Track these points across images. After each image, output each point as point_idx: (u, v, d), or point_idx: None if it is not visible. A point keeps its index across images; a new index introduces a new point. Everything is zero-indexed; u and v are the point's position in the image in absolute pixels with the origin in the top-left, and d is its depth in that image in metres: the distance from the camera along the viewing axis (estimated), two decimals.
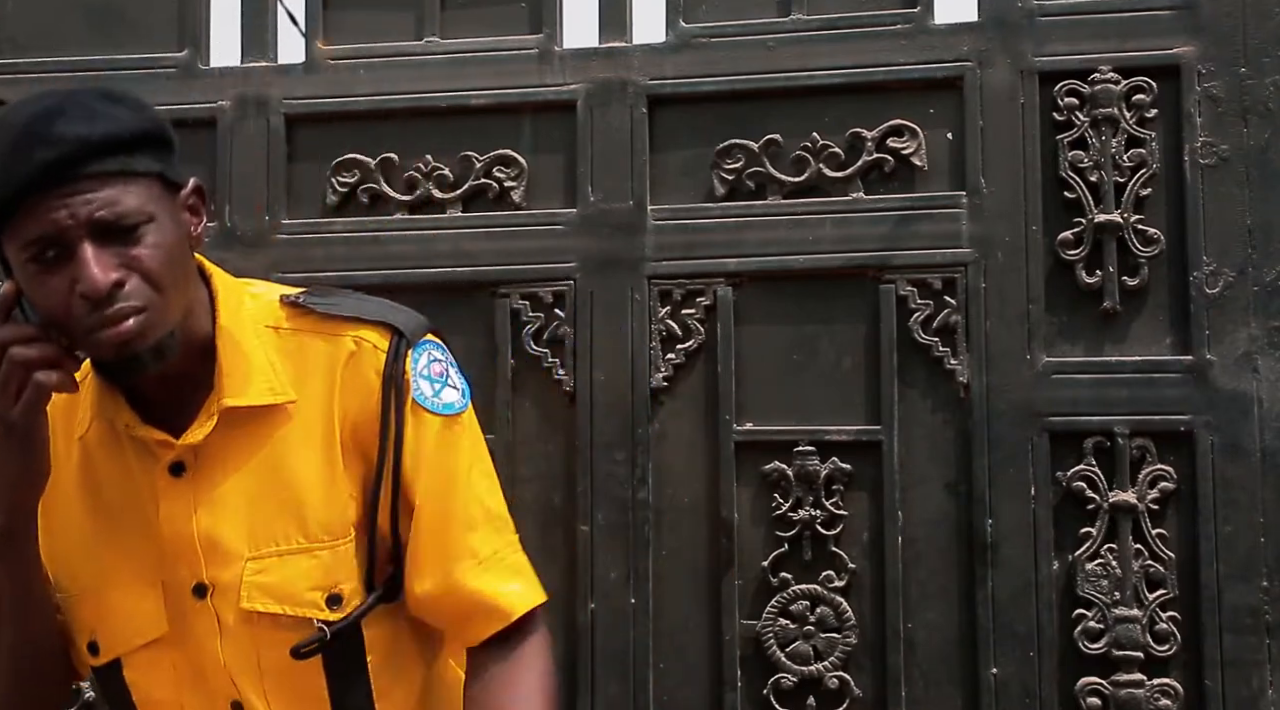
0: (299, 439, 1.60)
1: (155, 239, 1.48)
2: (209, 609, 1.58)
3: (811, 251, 2.54)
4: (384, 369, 1.59)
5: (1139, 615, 2.39)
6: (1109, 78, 2.46)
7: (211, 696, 1.60)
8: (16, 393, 1.48)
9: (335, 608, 1.58)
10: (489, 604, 1.63)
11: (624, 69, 2.63)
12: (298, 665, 1.58)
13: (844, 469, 2.51)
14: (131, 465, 1.61)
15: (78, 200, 1.45)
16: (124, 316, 1.45)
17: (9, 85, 2.80)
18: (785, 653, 2.49)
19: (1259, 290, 2.40)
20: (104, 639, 1.61)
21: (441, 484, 1.62)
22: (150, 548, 1.59)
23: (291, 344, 1.63)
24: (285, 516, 1.58)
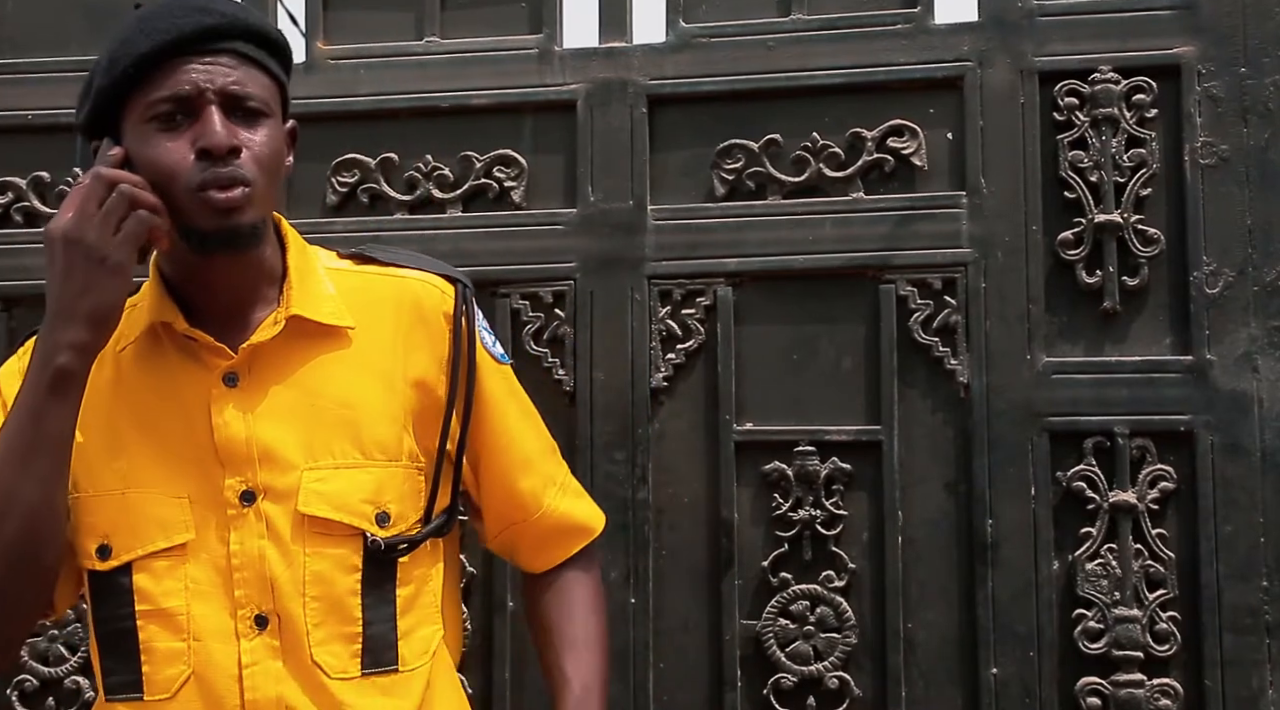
0: (357, 363, 1.68)
1: (270, 132, 1.62)
2: (259, 514, 1.61)
3: (812, 251, 2.54)
4: (453, 313, 1.73)
5: (1139, 615, 2.39)
6: (1109, 78, 2.46)
7: (232, 607, 1.60)
8: (117, 226, 1.54)
9: (384, 525, 1.65)
10: (578, 523, 1.86)
11: (624, 69, 2.64)
12: (338, 578, 1.62)
13: (844, 469, 2.51)
14: (176, 375, 1.65)
15: (217, 69, 1.58)
16: (234, 182, 1.56)
17: (8, 85, 2.81)
18: (785, 653, 2.49)
19: (1259, 290, 2.40)
20: (119, 541, 1.62)
21: (517, 422, 1.82)
22: (185, 455, 1.63)
23: (356, 282, 1.74)
24: (342, 433, 1.65)
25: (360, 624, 1.63)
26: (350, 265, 1.76)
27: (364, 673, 1.63)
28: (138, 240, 1.55)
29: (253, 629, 1.60)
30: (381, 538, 1.63)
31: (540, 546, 1.85)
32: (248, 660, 1.60)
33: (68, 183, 2.78)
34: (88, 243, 1.53)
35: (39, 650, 2.69)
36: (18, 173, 2.80)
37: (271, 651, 1.60)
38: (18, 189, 2.80)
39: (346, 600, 1.62)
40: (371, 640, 1.63)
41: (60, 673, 2.69)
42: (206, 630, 1.60)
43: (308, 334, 1.66)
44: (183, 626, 1.61)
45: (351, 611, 1.62)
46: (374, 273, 1.75)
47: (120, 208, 1.54)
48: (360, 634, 1.63)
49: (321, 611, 1.61)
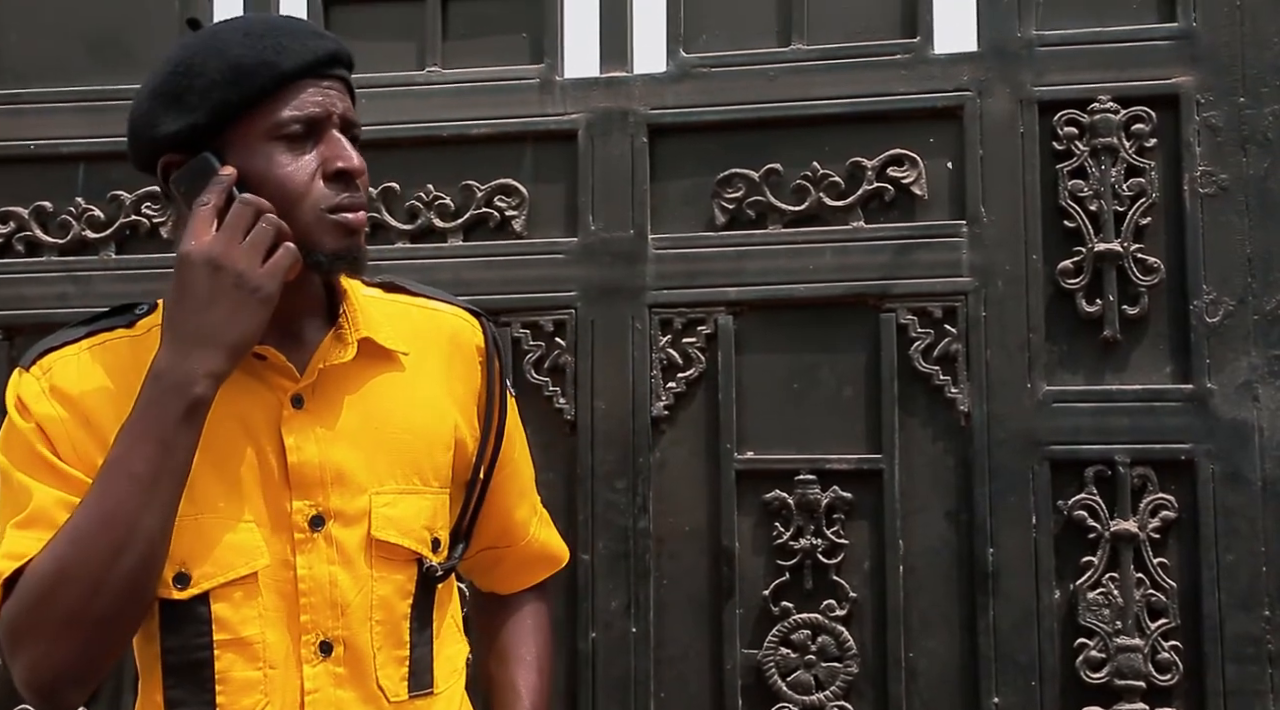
0: (412, 390, 1.69)
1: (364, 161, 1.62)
2: (329, 539, 1.60)
3: (812, 280, 2.55)
4: (485, 348, 1.77)
5: (1141, 644, 2.39)
6: (1108, 107, 2.47)
7: (296, 635, 1.58)
8: (266, 255, 1.52)
9: (436, 551, 1.68)
10: (552, 551, 1.90)
11: (625, 99, 2.64)
12: (396, 603, 1.63)
13: (845, 498, 2.50)
14: (240, 396, 1.61)
15: (334, 94, 1.60)
16: (362, 205, 1.60)
17: (10, 115, 2.82)
18: (787, 682, 2.49)
19: (1259, 319, 2.40)
20: (197, 569, 1.57)
21: (521, 452, 1.86)
22: (250, 478, 1.60)
23: (393, 310, 1.75)
24: (405, 458, 1.66)
25: (409, 647, 1.64)
26: (380, 294, 1.77)
27: (410, 696, 1.63)
28: (286, 273, 1.53)
29: (316, 655, 1.59)
30: (435, 563, 1.66)
31: (517, 571, 1.88)
32: (310, 686, 1.58)
33: (69, 212, 2.78)
34: (238, 271, 1.50)
35: None
36: (19, 202, 2.81)
37: (333, 679, 1.59)
38: (19, 218, 2.81)
39: (400, 624, 1.63)
40: (416, 663, 1.64)
41: None
42: (279, 658, 1.58)
43: (370, 357, 1.67)
44: (259, 655, 1.58)
45: (403, 635, 1.63)
46: (407, 303, 1.77)
47: (268, 238, 1.52)
48: (408, 657, 1.63)
49: (382, 635, 1.62)
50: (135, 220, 2.77)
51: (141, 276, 2.71)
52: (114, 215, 2.78)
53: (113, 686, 2.67)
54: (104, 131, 2.77)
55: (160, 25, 2.82)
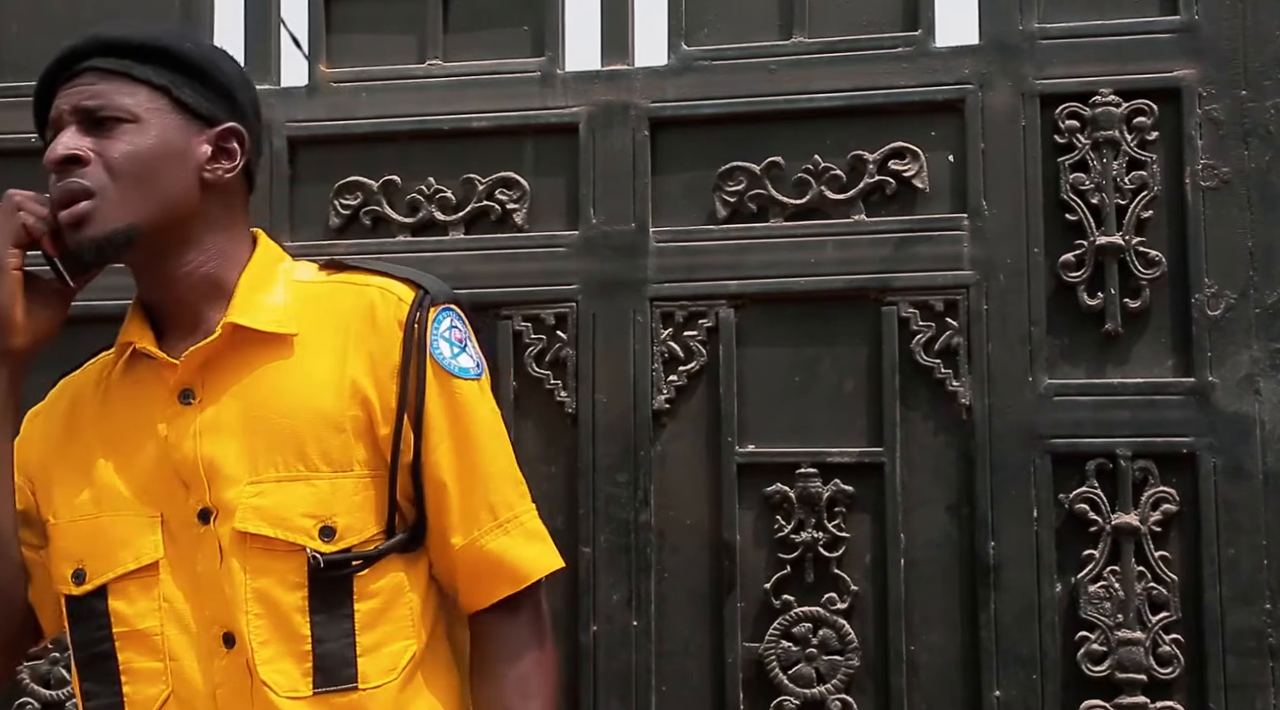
0: (303, 372, 1.64)
1: (132, 138, 1.62)
2: (212, 534, 1.60)
3: (813, 273, 2.54)
4: (405, 320, 1.65)
5: (1142, 638, 2.39)
6: (1110, 100, 2.47)
7: (203, 627, 1.60)
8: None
9: (328, 539, 1.60)
10: (506, 566, 1.68)
11: (626, 92, 2.64)
12: (281, 596, 1.59)
13: (846, 491, 2.50)
14: (144, 396, 1.66)
15: (75, 90, 1.65)
16: (74, 196, 1.60)
17: (11, 109, 2.81)
18: (788, 675, 2.49)
19: (1261, 312, 2.40)
20: (92, 564, 1.63)
21: (461, 444, 1.67)
22: (154, 475, 1.63)
23: (319, 291, 1.71)
24: (285, 444, 1.61)
25: (310, 641, 1.59)
26: (320, 273, 1.74)
27: (316, 691, 1.59)
28: (13, 237, 1.63)
29: (222, 647, 1.59)
30: (325, 553, 1.59)
31: (468, 584, 1.71)
32: (219, 679, 1.59)
33: None
34: None
35: (40, 673, 2.69)
36: None
37: (241, 669, 1.59)
38: None
39: (293, 617, 1.59)
40: (324, 658, 1.59)
41: (62, 695, 2.68)
42: (181, 649, 1.60)
43: (254, 344, 1.64)
44: (159, 646, 1.60)
45: (299, 629, 1.59)
46: (339, 280, 1.72)
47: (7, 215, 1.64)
48: (310, 652, 1.59)
49: (267, 629, 1.59)
50: None
51: None
52: None
53: None
54: None
55: (162, 19, 2.82)
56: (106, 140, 1.62)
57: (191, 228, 1.66)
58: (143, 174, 1.62)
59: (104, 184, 1.60)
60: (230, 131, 1.70)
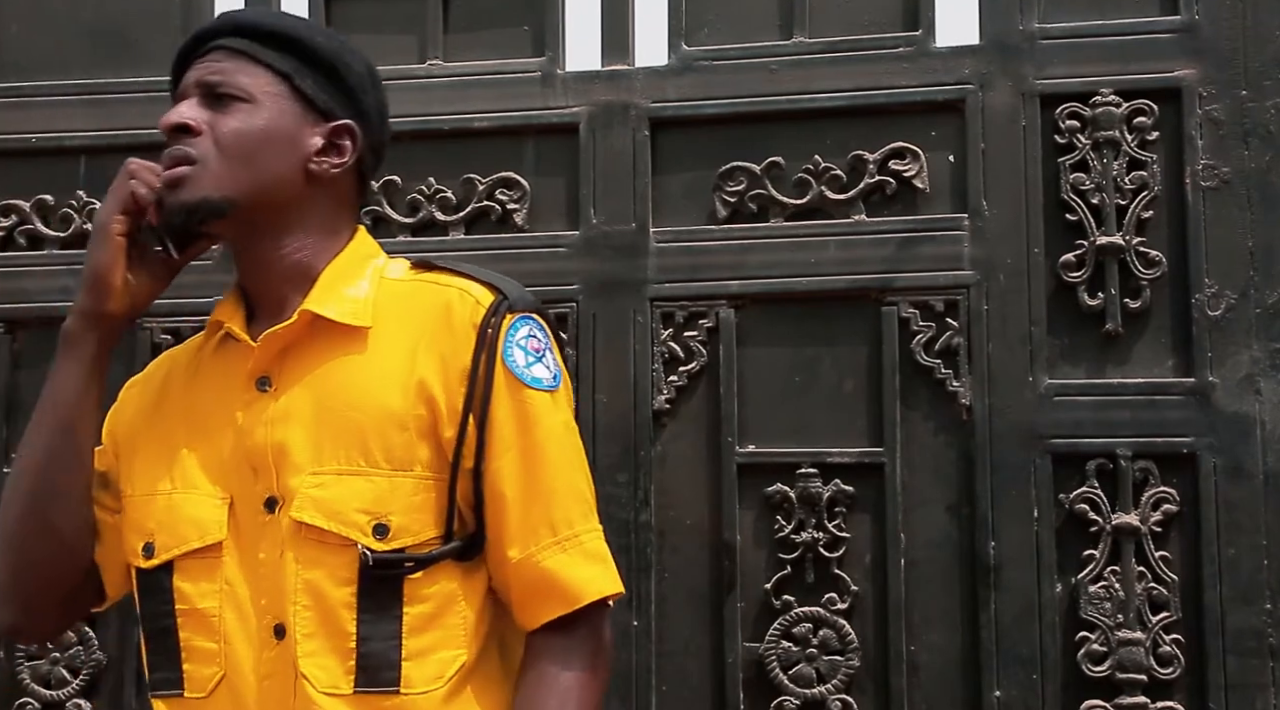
0: (373, 366, 1.64)
1: (245, 117, 1.65)
2: (276, 523, 1.59)
3: (814, 274, 2.55)
4: (480, 323, 1.62)
5: (1142, 638, 2.39)
6: (1110, 100, 2.47)
7: (258, 615, 1.59)
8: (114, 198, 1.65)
9: (381, 537, 1.58)
10: (559, 586, 1.62)
11: (626, 92, 2.64)
12: (330, 590, 1.57)
13: (846, 491, 2.50)
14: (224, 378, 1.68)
15: (202, 66, 1.68)
16: (175, 160, 1.63)
17: (12, 109, 2.82)
18: (788, 675, 2.49)
19: (1261, 312, 2.40)
20: (161, 539, 1.64)
21: (526, 455, 1.63)
22: (228, 459, 1.63)
23: (403, 289, 1.70)
24: (349, 437, 1.60)
25: (354, 639, 1.56)
26: (408, 272, 1.75)
27: (356, 690, 1.56)
28: (120, 203, 1.64)
29: (272, 638, 1.59)
30: (377, 551, 1.56)
31: (521, 601, 1.65)
32: (265, 671, 1.58)
33: (70, 206, 2.78)
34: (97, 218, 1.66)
35: (40, 673, 2.69)
36: (21, 196, 2.81)
37: (286, 663, 1.57)
38: (21, 212, 2.81)
39: (339, 613, 1.56)
40: (367, 657, 1.56)
41: (62, 695, 2.68)
42: (236, 635, 1.59)
43: (330, 335, 1.64)
44: (216, 628, 1.60)
45: (345, 626, 1.56)
46: (424, 280, 1.70)
47: (121, 182, 1.65)
48: (354, 650, 1.56)
49: (313, 622, 1.57)
50: None
51: None
52: None
53: (114, 680, 2.67)
54: (106, 124, 2.78)
55: (162, 19, 2.82)
56: (221, 116, 1.64)
57: (290, 215, 1.67)
58: (247, 152, 1.64)
59: (208, 155, 1.63)
60: (344, 128, 1.70)
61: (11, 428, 2.71)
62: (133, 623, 2.61)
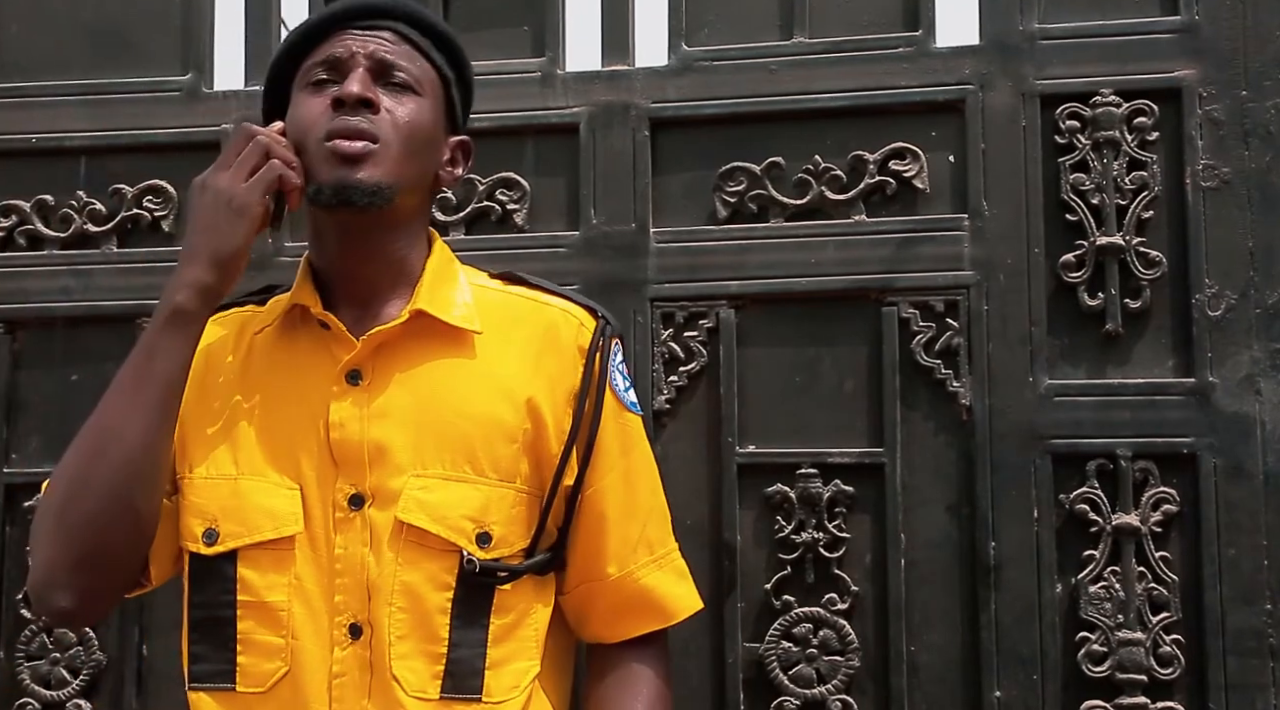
0: (481, 375, 1.65)
1: (417, 107, 1.65)
2: (365, 520, 1.58)
3: (814, 274, 2.54)
4: (589, 347, 1.69)
5: (1142, 638, 2.38)
6: (1110, 100, 2.47)
7: (331, 613, 1.58)
8: (250, 173, 1.59)
9: (484, 546, 1.60)
10: (656, 602, 1.72)
11: (626, 92, 2.64)
12: (428, 593, 1.58)
13: (846, 491, 2.50)
14: (303, 365, 1.65)
15: (373, 38, 1.65)
16: (360, 134, 1.59)
17: (12, 108, 2.81)
18: (788, 676, 2.49)
19: (1261, 313, 2.40)
20: (227, 526, 1.61)
21: (626, 476, 1.71)
22: (302, 448, 1.62)
23: (497, 298, 1.73)
24: (456, 444, 1.61)
25: (446, 645, 1.58)
26: (500, 285, 1.75)
27: (443, 696, 1.58)
28: (267, 186, 1.58)
29: (347, 637, 1.58)
30: (479, 559, 1.59)
31: (610, 616, 1.73)
32: (338, 670, 1.57)
33: (71, 206, 2.78)
34: (218, 187, 1.58)
35: (40, 673, 2.68)
36: (21, 196, 2.81)
37: (362, 663, 1.57)
38: (21, 212, 2.81)
39: (434, 617, 1.58)
40: (456, 664, 1.59)
41: (63, 695, 2.68)
42: (305, 631, 1.58)
43: (435, 336, 1.65)
44: (283, 622, 1.58)
45: (438, 630, 1.58)
46: (518, 294, 1.74)
47: (254, 157, 1.59)
48: (445, 655, 1.58)
49: (407, 625, 1.57)
50: (137, 214, 2.77)
51: (144, 270, 2.71)
52: (116, 209, 2.78)
53: (114, 680, 2.67)
54: (106, 125, 2.77)
55: (162, 19, 2.82)
56: (395, 100, 1.63)
57: (412, 213, 1.69)
58: (418, 145, 1.65)
59: (390, 138, 1.61)
60: (464, 143, 1.76)
61: (11, 428, 2.71)
62: (133, 622, 2.63)
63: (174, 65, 2.81)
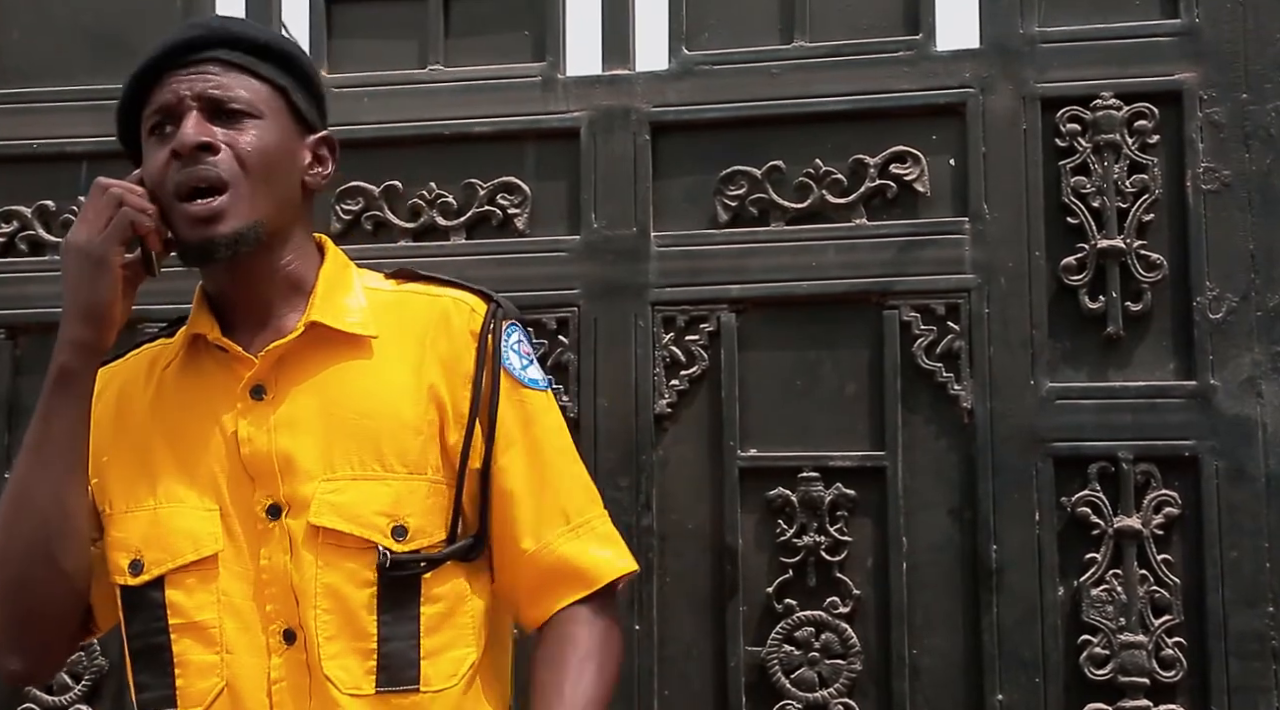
0: (381, 374, 1.66)
1: (258, 133, 1.63)
2: (283, 529, 1.60)
3: (815, 277, 2.55)
4: (479, 331, 1.68)
5: (1144, 641, 2.38)
6: (1111, 103, 2.47)
7: (263, 622, 1.59)
8: (105, 224, 1.58)
9: (400, 539, 1.61)
10: (575, 569, 1.67)
11: (627, 96, 2.64)
12: (351, 592, 1.59)
13: (848, 495, 2.50)
14: (209, 389, 1.66)
15: (198, 77, 1.62)
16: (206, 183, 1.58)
17: (13, 114, 2.82)
18: (790, 679, 2.49)
19: (1262, 315, 2.40)
20: (150, 555, 1.62)
21: (531, 451, 1.70)
22: (216, 468, 1.63)
23: (391, 299, 1.73)
24: (362, 444, 1.62)
25: (375, 640, 1.59)
26: (393, 284, 1.76)
27: (378, 690, 1.59)
28: (121, 233, 1.58)
29: (282, 643, 1.59)
30: (396, 552, 1.60)
31: (536, 593, 1.69)
32: (275, 676, 1.59)
33: (72, 211, 2.79)
34: (77, 243, 1.58)
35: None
36: (23, 201, 2.81)
37: (299, 667, 1.59)
38: (23, 217, 2.81)
39: (360, 614, 1.59)
40: (388, 657, 1.59)
41: (64, 701, 2.68)
42: (238, 644, 1.59)
43: (332, 343, 1.65)
44: (215, 639, 1.60)
45: (365, 627, 1.59)
46: (411, 290, 1.74)
47: (108, 209, 1.58)
48: (375, 650, 1.59)
49: (334, 625, 1.58)
50: None
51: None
52: None
53: (116, 685, 2.67)
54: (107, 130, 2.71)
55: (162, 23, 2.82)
56: (234, 132, 1.61)
57: (289, 229, 1.68)
58: (269, 170, 1.63)
59: (237, 176, 1.60)
60: (326, 139, 1.73)
61: (13, 433, 2.72)
62: None
63: None
